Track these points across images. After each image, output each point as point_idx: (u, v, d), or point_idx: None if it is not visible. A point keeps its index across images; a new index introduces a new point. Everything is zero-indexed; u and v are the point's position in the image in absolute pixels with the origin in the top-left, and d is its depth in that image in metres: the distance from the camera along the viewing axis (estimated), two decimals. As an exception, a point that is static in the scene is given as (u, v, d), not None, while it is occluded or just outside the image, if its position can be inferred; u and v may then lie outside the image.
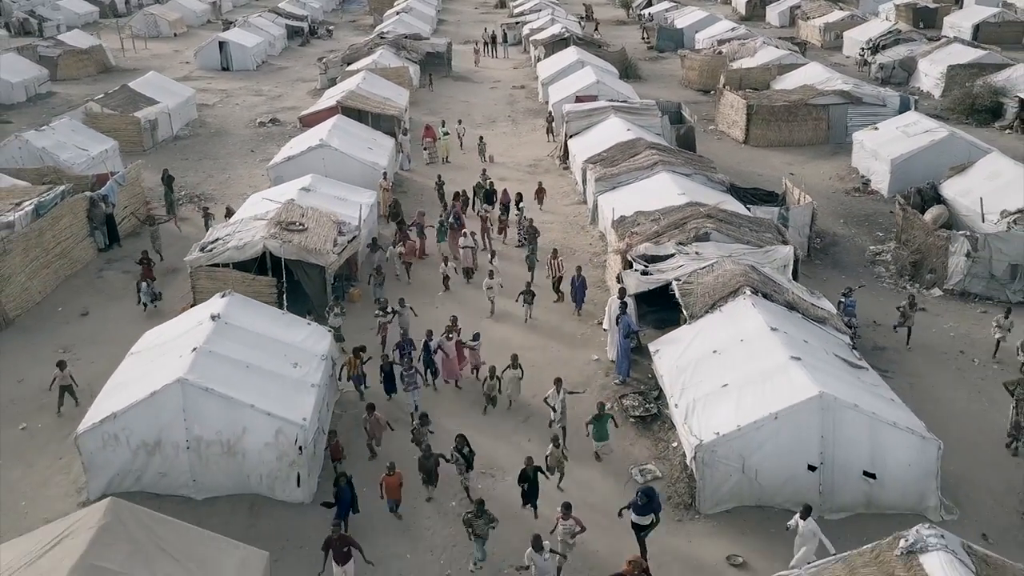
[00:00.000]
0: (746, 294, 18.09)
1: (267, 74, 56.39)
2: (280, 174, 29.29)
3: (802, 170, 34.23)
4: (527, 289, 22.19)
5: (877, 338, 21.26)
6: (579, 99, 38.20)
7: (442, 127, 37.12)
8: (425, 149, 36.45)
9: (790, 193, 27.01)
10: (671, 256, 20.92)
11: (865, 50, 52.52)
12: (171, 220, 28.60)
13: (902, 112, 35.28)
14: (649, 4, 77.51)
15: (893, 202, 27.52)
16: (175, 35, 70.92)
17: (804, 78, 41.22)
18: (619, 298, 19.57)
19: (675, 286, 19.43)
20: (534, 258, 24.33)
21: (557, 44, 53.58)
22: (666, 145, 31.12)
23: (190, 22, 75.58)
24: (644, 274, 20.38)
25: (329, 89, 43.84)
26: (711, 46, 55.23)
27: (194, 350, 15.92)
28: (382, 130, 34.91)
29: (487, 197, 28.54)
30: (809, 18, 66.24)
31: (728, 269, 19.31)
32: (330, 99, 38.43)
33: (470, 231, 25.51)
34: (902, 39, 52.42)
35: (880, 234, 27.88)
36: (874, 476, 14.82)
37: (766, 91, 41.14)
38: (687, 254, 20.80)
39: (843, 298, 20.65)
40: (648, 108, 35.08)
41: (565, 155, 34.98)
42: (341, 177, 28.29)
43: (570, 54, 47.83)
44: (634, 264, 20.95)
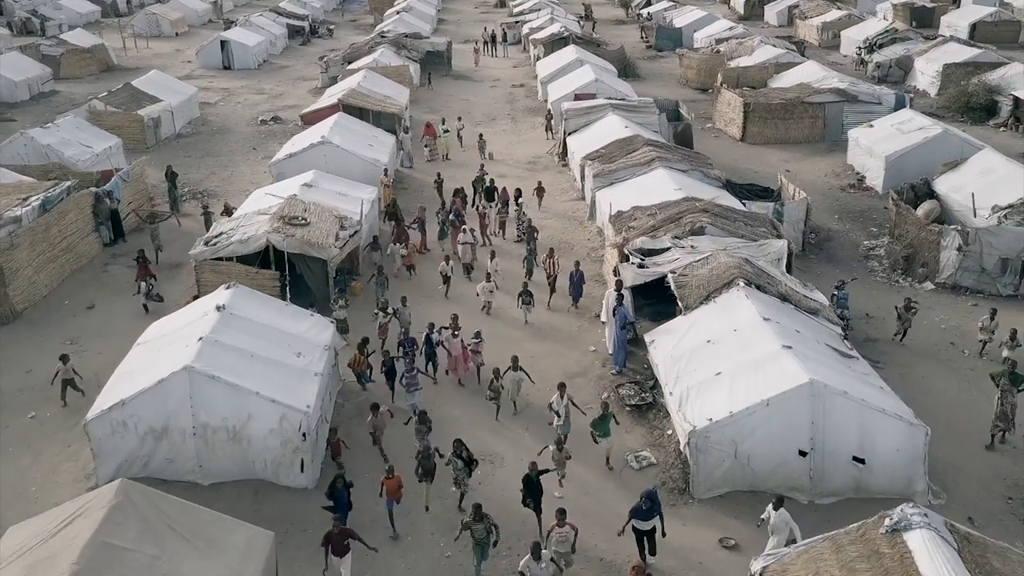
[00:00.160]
0: (740, 286, 18.48)
1: (268, 73, 56.77)
2: (282, 170, 29.68)
3: (798, 167, 34.66)
4: (525, 290, 22.15)
5: (869, 330, 21.65)
6: (578, 97, 38.62)
7: (442, 125, 37.52)
8: (426, 146, 36.83)
9: (785, 189, 27.41)
10: (667, 250, 21.34)
11: (862, 49, 52.92)
12: (171, 217, 28.79)
13: (897, 110, 35.67)
14: (648, 3, 77.87)
15: (887, 198, 27.90)
16: (176, 34, 71.33)
17: (801, 76, 41.61)
18: (616, 290, 19.96)
19: (671, 278, 19.83)
20: (532, 259, 24.36)
21: (556, 43, 53.95)
22: (663, 142, 31.50)
23: (191, 21, 75.96)
24: (640, 267, 20.78)
25: (330, 87, 44.23)
26: (709, 45, 55.60)
27: (200, 339, 16.31)
28: (383, 128, 35.31)
29: (488, 194, 28.84)
30: (807, 17, 66.65)
31: (722, 262, 19.71)
32: (331, 97, 38.84)
33: (470, 228, 25.86)
34: (899, 38, 52.81)
35: (874, 229, 28.27)
36: (863, 461, 15.21)
37: (763, 89, 41.54)
38: (683, 248, 21.20)
39: (836, 291, 21.03)
40: (646, 106, 35.47)
41: (564, 152, 35.36)
42: (342, 174, 28.66)
43: (569, 53, 48.22)
44: (631, 257, 21.34)
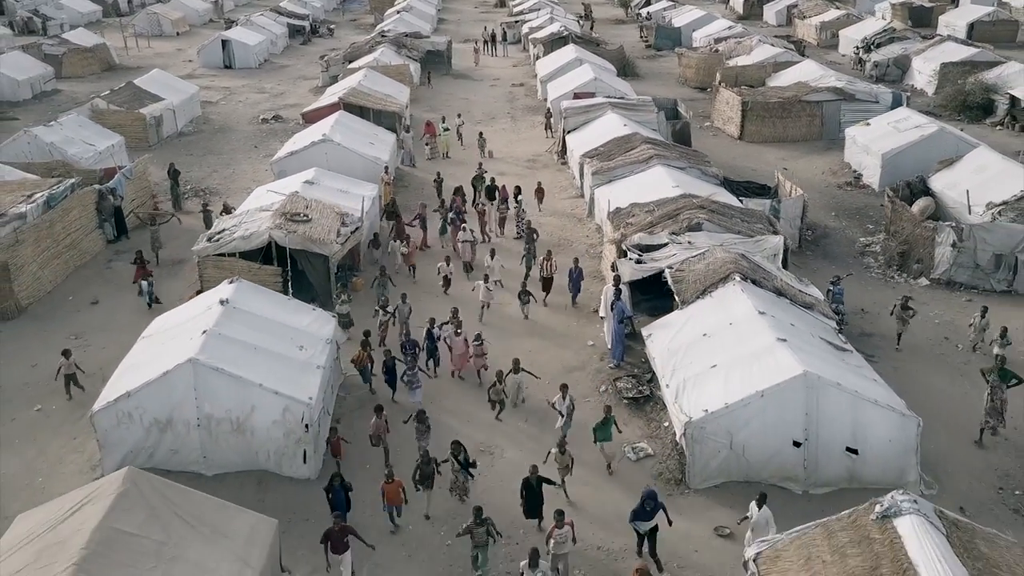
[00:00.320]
0: (736, 280, 18.74)
1: (269, 72, 57.04)
2: (284, 168, 29.92)
3: (796, 165, 34.94)
4: (524, 289, 22.26)
5: (864, 325, 21.92)
6: (577, 96, 38.87)
7: (442, 123, 37.79)
8: (427, 145, 37.10)
9: (782, 186, 27.67)
10: (664, 245, 21.58)
11: (859, 49, 53.19)
12: (171, 219, 28.73)
13: (894, 108, 35.94)
14: (647, 3, 78.15)
15: (884, 195, 28.13)
16: (177, 34, 71.61)
17: (799, 75, 41.88)
18: (614, 285, 20.22)
19: (668, 273, 20.08)
20: (531, 258, 24.46)
21: (556, 42, 54.22)
22: (661, 140, 31.77)
23: (192, 21, 76.24)
24: (638, 262, 21.03)
25: (331, 86, 44.48)
26: (708, 44, 55.85)
27: (204, 332, 16.56)
28: (383, 126, 35.56)
29: (489, 192, 29.03)
30: (806, 17, 66.91)
31: (719, 257, 19.97)
32: (332, 96, 39.08)
33: (470, 228, 26.04)
34: (896, 37, 53.10)
35: (871, 226, 28.54)
36: (856, 452, 15.46)
37: (761, 88, 41.79)
38: (680, 243, 21.45)
39: (831, 286, 21.29)
40: (644, 104, 35.74)
41: (563, 150, 35.61)
42: (343, 171, 28.92)
43: (569, 52, 48.47)
44: (628, 253, 21.60)
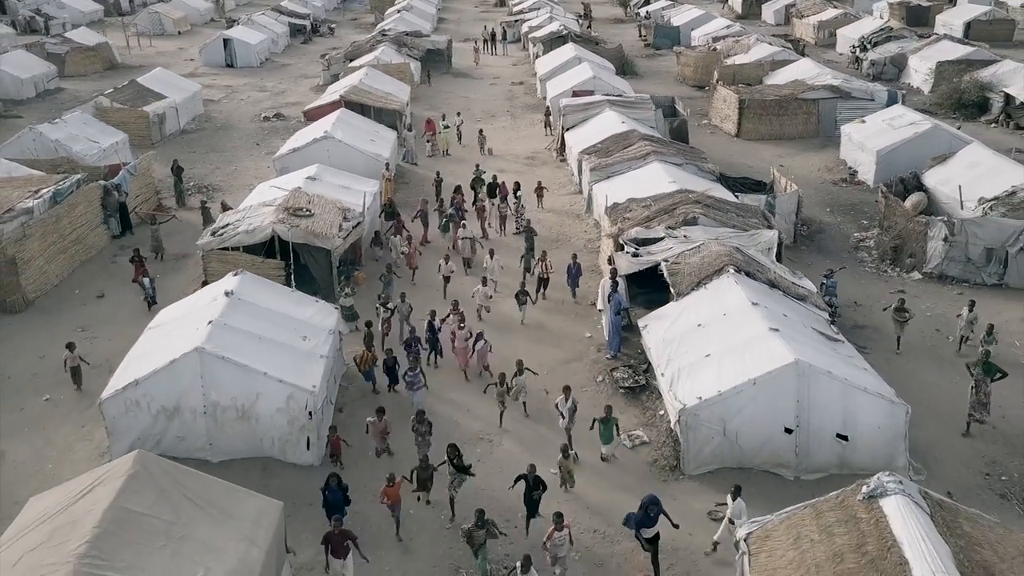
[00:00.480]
0: (730, 273, 19.13)
1: (270, 71, 57.45)
2: (286, 165, 30.30)
3: (792, 162, 35.33)
4: (522, 289, 22.23)
5: (857, 318, 22.31)
6: (576, 94, 39.24)
7: (443, 121, 38.19)
8: (428, 142, 37.49)
9: (777, 182, 28.05)
10: (661, 239, 21.97)
11: (855, 47, 53.59)
12: (172, 219, 28.90)
13: (889, 106, 36.33)
14: (647, 2, 78.55)
15: (878, 191, 28.55)
16: (179, 33, 72.06)
17: (795, 74, 42.26)
18: (610, 278, 20.61)
19: (664, 266, 20.48)
20: (531, 257, 24.57)
21: (555, 41, 54.65)
22: (659, 137, 32.15)
23: (194, 20, 76.68)
24: (635, 256, 21.42)
25: (332, 84, 44.87)
26: (706, 43, 56.24)
27: (210, 323, 16.95)
28: (384, 124, 35.95)
29: (491, 190, 29.30)
30: (804, 16, 67.29)
31: (714, 250, 20.36)
32: (334, 94, 39.47)
33: (469, 226, 26.34)
34: (893, 36, 53.49)
35: (865, 222, 28.92)
36: (846, 438, 15.85)
37: (758, 86, 42.16)
38: (676, 237, 21.84)
39: (825, 279, 21.69)
40: (642, 102, 36.14)
41: (562, 147, 35.99)
42: (345, 168, 29.29)
43: (568, 50, 48.85)
44: (625, 247, 21.99)
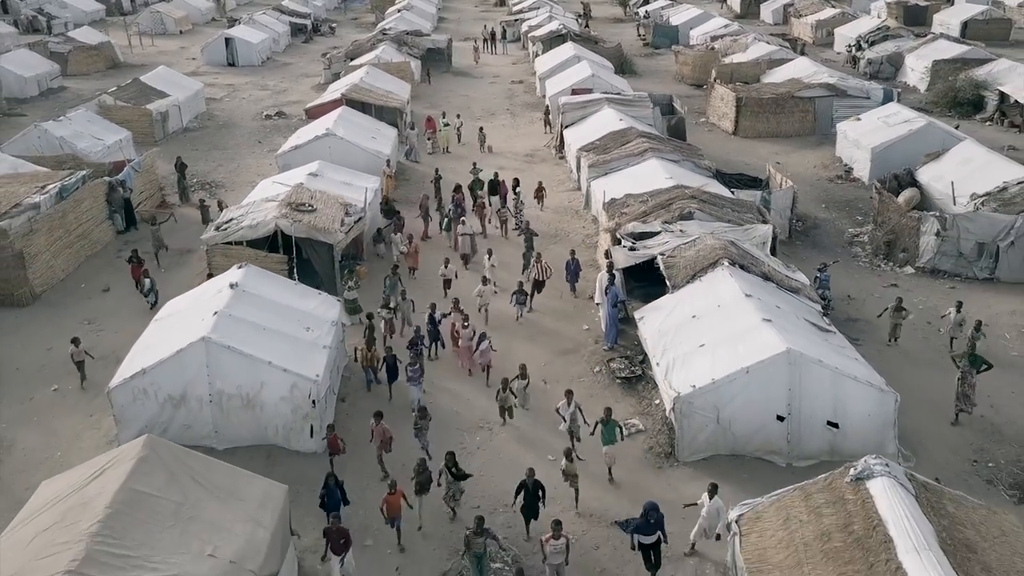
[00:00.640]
0: (724, 265, 19.52)
1: (272, 70, 57.83)
2: (288, 162, 30.69)
3: (788, 159, 35.72)
4: (520, 289, 22.30)
5: (851, 311, 22.70)
6: (575, 92, 39.59)
7: (443, 119, 38.60)
8: (428, 139, 37.88)
9: (773, 179, 28.44)
10: (657, 234, 22.35)
11: (851, 47, 54.02)
12: (171, 219, 28.82)
13: (885, 104, 36.70)
14: (646, 2, 78.90)
15: (872, 188, 28.90)
16: (180, 32, 72.42)
17: (793, 72, 42.63)
18: (607, 271, 21.00)
19: (660, 260, 20.86)
20: (530, 255, 24.61)
21: (555, 40, 55.03)
22: (656, 134, 32.54)
23: (195, 20, 77.04)
24: (631, 250, 21.81)
25: (333, 83, 45.24)
26: (705, 42, 56.61)
27: (215, 313, 17.35)
28: (385, 122, 36.34)
29: (492, 187, 29.50)
30: (802, 15, 67.66)
31: (709, 244, 20.75)
32: (335, 92, 39.85)
33: (469, 223, 26.65)
34: (890, 35, 53.86)
35: (860, 218, 29.31)
36: (837, 426, 16.24)
37: (755, 84, 42.54)
38: (672, 232, 22.22)
39: (818, 273, 22.08)
40: (640, 100, 36.52)
41: (561, 145, 36.38)
42: (346, 164, 29.62)
43: (567, 49, 49.19)
44: (623, 241, 22.37)
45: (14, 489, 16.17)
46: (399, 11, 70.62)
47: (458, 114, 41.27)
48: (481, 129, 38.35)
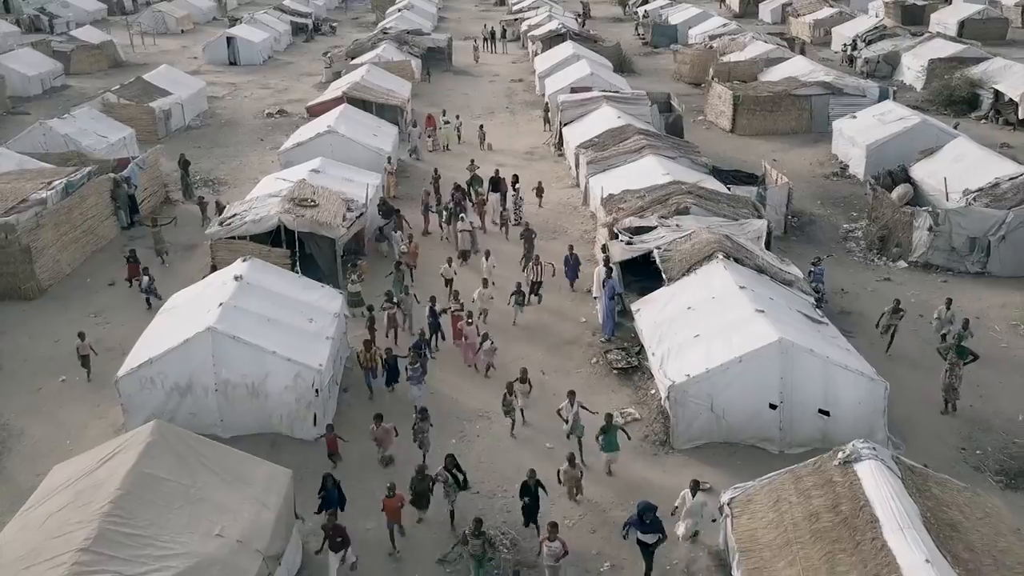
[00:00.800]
0: (719, 258, 19.91)
1: (273, 68, 58.22)
2: (290, 159, 31.06)
3: (785, 156, 36.08)
4: (518, 290, 22.18)
5: (844, 304, 23.08)
6: (574, 90, 39.96)
7: (443, 116, 38.99)
8: (429, 137, 38.27)
9: (769, 175, 28.83)
10: (654, 228, 22.74)
11: (847, 46, 54.42)
12: (172, 221, 28.69)
13: (881, 102, 37.07)
14: (645, 1, 79.29)
15: (867, 184, 29.28)
16: (182, 31, 72.90)
17: (790, 71, 42.98)
18: (604, 265, 21.40)
19: (656, 253, 21.25)
20: (530, 256, 24.52)
21: (554, 39, 55.41)
22: (654, 131, 32.93)
23: (196, 19, 77.50)
24: (629, 244, 22.20)
25: (335, 81, 45.63)
26: (703, 41, 56.99)
27: (221, 305, 17.73)
28: (385, 120, 36.73)
29: (494, 184, 29.64)
30: (800, 15, 68.04)
31: (704, 238, 21.14)
32: (336, 90, 40.25)
33: (469, 219, 27.02)
34: (887, 34, 54.24)
35: (855, 214, 29.69)
36: (828, 413, 16.59)
37: (753, 83, 42.93)
38: (668, 226, 22.61)
39: (812, 267, 22.45)
40: (639, 98, 36.93)
41: (560, 142, 36.77)
42: (348, 161, 30.01)
43: (566, 48, 49.60)
44: (619, 235, 22.75)
45: (24, 476, 16.55)
46: (399, 10, 71.07)
47: (457, 115, 41.53)
48: (481, 127, 38.75)
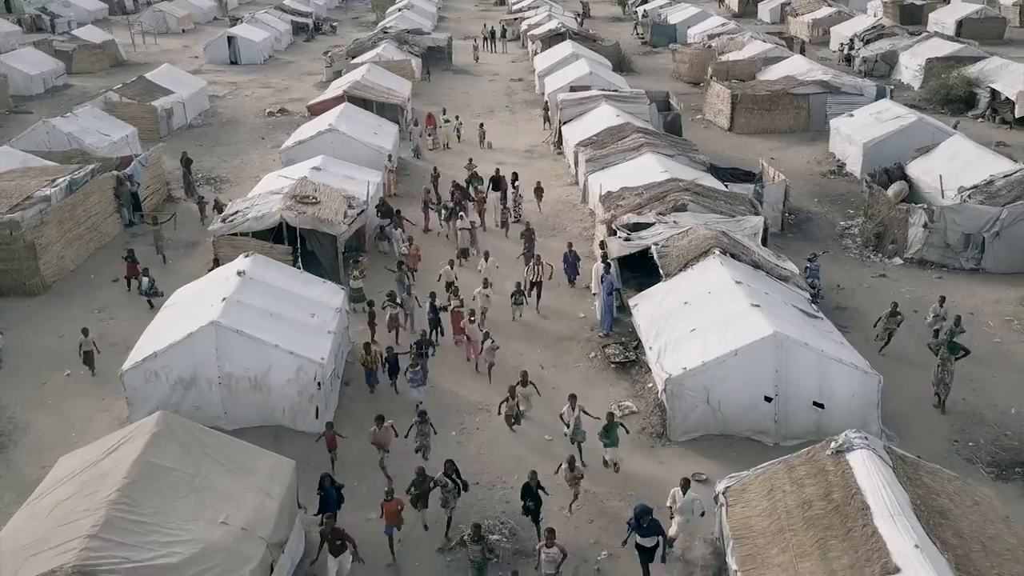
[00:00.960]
0: (715, 254, 20.16)
1: (274, 68, 58.50)
2: (292, 157, 31.31)
3: (783, 155, 36.32)
4: (518, 290, 22.21)
5: (840, 300, 23.34)
6: (573, 89, 40.20)
7: (443, 115, 39.25)
8: (429, 135, 38.52)
9: (766, 173, 29.08)
10: (651, 225, 22.99)
11: (844, 46, 54.67)
12: (172, 219, 28.75)
13: (878, 101, 37.32)
14: (644, 1, 79.54)
15: (863, 182, 29.54)
16: (183, 31, 73.17)
17: (788, 70, 43.24)
18: (602, 260, 21.65)
19: (654, 249, 21.50)
20: (530, 256, 24.60)
21: (554, 38, 55.67)
22: (652, 129, 33.17)
23: (197, 19, 77.79)
24: (627, 240, 22.45)
25: (335, 80, 45.87)
26: (702, 41, 57.23)
27: (224, 299, 17.98)
28: (386, 118, 36.98)
29: (495, 183, 29.79)
30: (798, 14, 68.28)
31: (701, 234, 21.39)
32: (337, 89, 40.50)
33: (469, 218, 27.21)
34: (885, 34, 54.51)
35: (851, 211, 29.93)
36: (822, 406, 16.85)
37: (751, 82, 43.17)
38: (666, 223, 22.86)
39: (808, 263, 22.70)
40: (637, 96, 37.19)
41: (559, 140, 37.02)
42: (349, 159, 30.29)
43: (566, 47, 49.84)
44: (618, 232, 23.01)
45: (30, 468, 16.79)
46: (400, 10, 71.35)
47: (457, 115, 41.74)
48: (481, 125, 39.00)
